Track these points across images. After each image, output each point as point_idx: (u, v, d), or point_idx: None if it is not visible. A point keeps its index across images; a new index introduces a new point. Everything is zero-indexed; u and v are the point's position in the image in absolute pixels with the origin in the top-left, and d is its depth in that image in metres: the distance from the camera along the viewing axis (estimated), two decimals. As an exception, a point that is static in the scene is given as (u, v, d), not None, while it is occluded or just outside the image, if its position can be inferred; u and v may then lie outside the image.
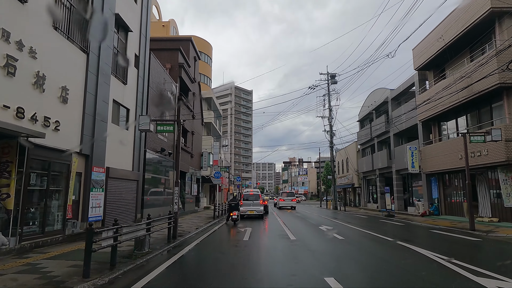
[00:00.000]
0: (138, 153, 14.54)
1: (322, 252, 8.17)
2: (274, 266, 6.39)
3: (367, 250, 8.35)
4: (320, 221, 17.44)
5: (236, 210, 15.81)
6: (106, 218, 11.51)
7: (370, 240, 10.12)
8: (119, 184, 12.61)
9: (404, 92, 25.15)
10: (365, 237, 10.70)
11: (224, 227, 14.35)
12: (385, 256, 7.45)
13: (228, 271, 6.12)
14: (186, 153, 22.95)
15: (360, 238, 10.51)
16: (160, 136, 17.77)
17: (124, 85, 13.19)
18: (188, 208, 24.18)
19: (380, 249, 8.41)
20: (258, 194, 19.62)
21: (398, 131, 25.15)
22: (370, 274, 5.91)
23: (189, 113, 24.09)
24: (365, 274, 5.99)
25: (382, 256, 7.49)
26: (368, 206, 32.66)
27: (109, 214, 11.76)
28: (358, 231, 12.40)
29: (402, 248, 8.38)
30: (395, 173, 25.74)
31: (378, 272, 5.96)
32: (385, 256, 7.52)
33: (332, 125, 34.00)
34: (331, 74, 34.67)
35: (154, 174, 16.85)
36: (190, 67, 24.91)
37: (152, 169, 16.70)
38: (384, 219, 18.99)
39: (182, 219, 17.65)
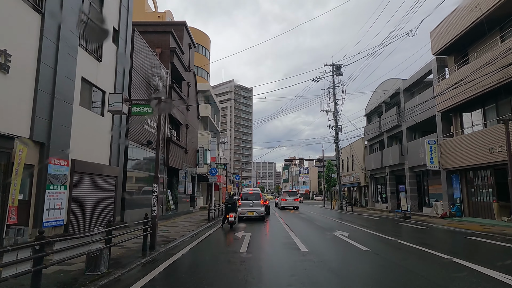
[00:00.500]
0: (118, 145, 12.35)
1: (349, 273, 5.97)
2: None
3: (409, 269, 6.15)
4: (330, 224, 15.25)
5: (233, 211, 13.64)
6: (72, 223, 9.32)
7: (404, 252, 7.92)
8: (90, 181, 10.42)
9: (419, 82, 22.95)
10: (395, 248, 8.51)
11: (218, 232, 12.17)
12: (443, 282, 5.26)
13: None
14: (179, 147, 20.77)
15: (390, 250, 8.31)
16: (147, 127, 15.58)
17: (98, 62, 10.99)
18: (182, 209, 22.00)
19: (426, 268, 6.21)
20: (258, 193, 17.45)
21: (412, 124, 22.95)
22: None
23: (183, 104, 21.89)
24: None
25: (439, 282, 5.30)
26: (376, 207, 30.47)
27: (76, 218, 9.57)
28: (381, 238, 10.21)
29: (455, 267, 6.21)
30: (408, 171, 23.54)
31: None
32: (443, 282, 5.33)
33: (337, 119, 31.81)
34: (336, 65, 32.46)
35: (139, 170, 14.67)
36: (184, 54, 22.72)
37: (137, 165, 14.52)
38: (401, 222, 16.80)
39: (172, 222, 15.47)
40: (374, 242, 9.44)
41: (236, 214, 13.89)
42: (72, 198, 9.32)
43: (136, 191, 14.17)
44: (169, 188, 20.59)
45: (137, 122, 14.32)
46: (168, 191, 20.05)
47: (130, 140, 13.49)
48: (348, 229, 12.50)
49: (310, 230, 12.93)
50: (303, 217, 19.82)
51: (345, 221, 16.71)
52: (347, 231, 11.63)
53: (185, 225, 14.22)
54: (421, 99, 20.96)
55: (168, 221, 15.86)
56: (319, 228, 13.61)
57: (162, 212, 17.74)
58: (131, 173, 13.75)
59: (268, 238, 10.57)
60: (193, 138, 25.96)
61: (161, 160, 17.76)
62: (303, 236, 10.61)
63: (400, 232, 12.38)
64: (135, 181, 14.22)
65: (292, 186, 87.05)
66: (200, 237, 10.54)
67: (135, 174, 14.24)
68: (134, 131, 14.12)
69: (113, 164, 11.97)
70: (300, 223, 16.16)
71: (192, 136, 25.73)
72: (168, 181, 20.63)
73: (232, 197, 14.17)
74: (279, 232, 11.96)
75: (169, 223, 15.03)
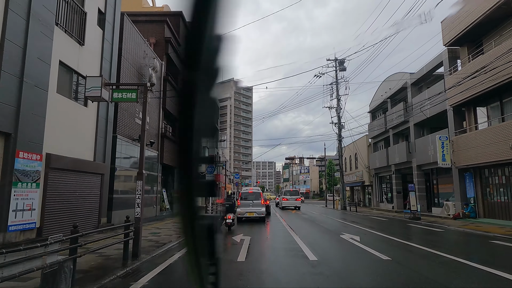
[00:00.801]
0: (104, 139, 11.21)
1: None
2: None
3: (444, 285, 5.02)
4: (336, 226, 14.11)
5: (231, 212, 12.51)
6: (47, 226, 8.18)
7: (431, 262, 6.77)
8: (70, 178, 9.27)
9: (427, 76, 21.80)
10: (419, 256, 7.36)
11: (214, 235, 11.01)
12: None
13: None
14: (174, 144, 19.60)
15: (413, 258, 7.16)
16: (138, 121, 14.44)
17: (80, 46, 9.83)
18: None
19: (472, 284, 5.07)
20: (259, 193, 16.31)
21: (420, 120, 21.79)
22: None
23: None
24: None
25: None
26: (380, 207, 29.32)
27: (52, 220, 8.43)
28: (398, 243, 9.07)
29: (497, 280, 5.08)
30: (416, 169, 22.39)
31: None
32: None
33: (340, 116, 30.68)
34: (339, 60, 31.32)
35: (130, 168, 13.53)
36: (181, 47, 21.52)
37: (127, 162, 13.39)
38: (411, 223, 15.66)
39: (165, 223, 14.34)
40: (391, 248, 8.29)
41: (234, 215, 12.76)
42: (47, 198, 8.18)
43: (125, 190, 13.04)
44: (165, 187, 19.46)
45: (127, 115, 13.19)
46: (163, 190, 18.92)
47: (119, 135, 12.35)
48: (358, 232, 11.36)
49: (315, 232, 11.78)
50: (305, 218, 18.68)
51: (352, 222, 15.57)
52: (357, 234, 10.49)
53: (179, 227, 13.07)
54: (431, 93, 19.82)
55: (162, 223, 14.73)
56: (325, 230, 12.46)
57: (156, 212, 16.62)
58: (120, 171, 12.62)
59: (270, 242, 9.43)
60: (190, 135, 24.82)
61: (155, 157, 16.64)
62: (309, 240, 9.47)
63: (415, 235, 11.25)
64: (125, 179, 13.09)
65: (292, 185, 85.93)
66: (193, 242, 9.37)
67: (125, 172, 13.11)
68: (124, 125, 12.97)
69: (99, 160, 10.82)
70: (303, 224, 15.02)
71: (189, 132, 24.58)
72: (163, 180, 19.49)
73: (230, 196, 13.04)
74: (282, 235, 10.81)
75: (162, 224, 13.91)
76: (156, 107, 17.06)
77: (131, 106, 13.63)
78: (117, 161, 12.30)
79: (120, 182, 12.53)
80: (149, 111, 15.89)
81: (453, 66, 18.35)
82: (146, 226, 13.04)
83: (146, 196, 15.35)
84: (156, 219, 16.25)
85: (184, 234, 0.74)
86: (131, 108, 13.56)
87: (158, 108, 17.27)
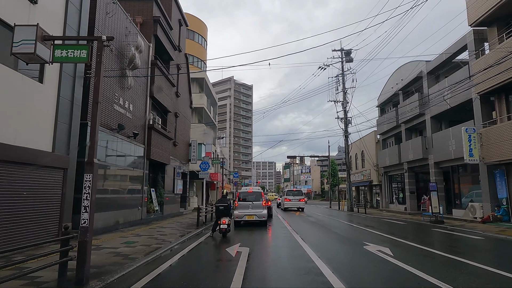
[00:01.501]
0: (68, 126, 9.06)
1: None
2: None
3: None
4: (351, 232, 11.95)
5: (226, 216, 10.36)
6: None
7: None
8: (14, 173, 7.12)
9: (446, 63, 19.64)
10: (492, 282, 5.21)
11: (205, 245, 8.87)
12: None
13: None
14: (165, 138, 17.47)
15: (481, 284, 5.01)
16: (118, 107, 12.28)
17: (32, 4, 7.68)
18: (169, 210, 18.72)
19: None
20: (259, 193, 14.15)
21: (438, 112, 19.65)
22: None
23: (170, 87, 18.59)
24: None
25: None
26: (390, 208, 27.15)
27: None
28: (442, 258, 6.92)
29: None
30: (434, 166, 20.23)
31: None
32: None
33: (346, 110, 28.52)
34: (345, 50, 29.17)
35: (107, 163, 11.37)
36: (173, 30, 19.43)
37: (104, 155, 11.23)
38: (435, 227, 13.51)
39: (150, 228, 12.18)
40: (441, 266, 6.11)
41: (230, 219, 10.61)
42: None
43: (101, 188, 10.88)
44: (153, 186, 17.31)
45: (102, 99, 11.01)
46: (151, 190, 16.78)
47: (90, 121, 10.20)
48: (381, 241, 9.20)
49: (331, 242, 9.59)
50: (312, 221, 16.51)
51: (366, 227, 13.41)
52: (382, 244, 8.34)
53: (164, 233, 10.93)
54: (451, 82, 17.67)
55: (146, 227, 12.58)
56: (342, 238, 10.28)
57: (142, 215, 14.46)
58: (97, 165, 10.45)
59: (274, 257, 7.26)
60: (184, 130, 22.67)
61: (140, 151, 14.50)
62: (326, 253, 7.31)
63: (455, 245, 9.07)
64: (101, 175, 10.92)
65: (293, 185, 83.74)
66: (175, 255, 7.23)
67: (101, 167, 10.95)
68: (100, 111, 10.79)
69: (60, 151, 8.68)
70: (312, 229, 12.85)
71: (183, 127, 22.44)
72: (151, 178, 17.35)
73: (225, 196, 10.88)
74: (289, 245, 8.65)
75: (146, 230, 11.75)
76: (142, 94, 14.91)
77: (108, 89, 11.48)
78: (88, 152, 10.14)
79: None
80: (133, 98, 13.77)
81: (480, 49, 16.20)
82: (126, 232, 10.89)
83: (129, 196, 13.20)
84: (141, 223, 14.11)
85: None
86: (108, 91, 11.42)
87: (144, 96, 15.13)
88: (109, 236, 9.98)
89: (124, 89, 12.81)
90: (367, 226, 14.05)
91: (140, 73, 14.74)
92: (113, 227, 11.65)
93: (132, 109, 13.63)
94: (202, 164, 15.94)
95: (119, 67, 12.47)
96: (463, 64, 18.40)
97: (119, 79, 12.48)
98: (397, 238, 9.83)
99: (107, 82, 11.44)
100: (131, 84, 13.04)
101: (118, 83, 12.35)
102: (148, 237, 9.78)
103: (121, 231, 11.26)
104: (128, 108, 13.21)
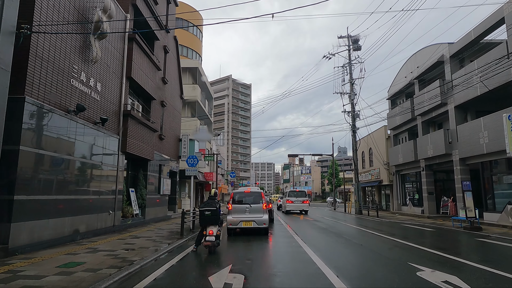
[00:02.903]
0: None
1: None
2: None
3: None
4: (383, 246, 9.26)
5: (215, 224, 7.68)
6: None
7: None
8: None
9: (473, 44, 17.03)
10: None
11: (179, 271, 6.13)
12: None
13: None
14: (147, 129, 14.77)
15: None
16: (76, 83, 9.56)
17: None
18: (154, 214, 16.01)
19: None
20: (259, 194, 11.43)
21: (464, 101, 17.06)
22: None
23: (154, 70, 15.90)
24: None
25: None
26: (403, 210, 24.50)
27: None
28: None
29: None
30: (459, 163, 17.60)
31: None
32: None
33: (354, 103, 25.92)
34: (353, 37, 26.58)
35: (58, 154, 8.65)
36: (158, 5, 16.75)
37: (56, 143, 8.52)
38: (478, 236, 10.86)
39: (119, 239, 9.44)
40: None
41: (220, 229, 7.93)
42: None
43: (46, 188, 8.17)
44: (133, 185, 14.62)
45: (52, 70, 8.30)
46: (131, 190, 14.09)
47: (29, 97, 7.49)
48: (431, 260, 6.54)
49: (365, 264, 6.82)
50: (323, 228, 13.82)
51: (392, 236, 10.74)
52: (438, 267, 5.69)
53: (134, 246, 8.22)
54: (481, 64, 15.08)
55: (115, 237, 9.86)
56: (376, 256, 7.55)
57: (114, 221, 11.75)
58: (32, 155, 7.75)
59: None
60: (173, 122, 19.98)
61: (112, 142, 11.79)
62: (364, 284, 4.65)
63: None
64: (45, 170, 8.21)
65: (293, 186, 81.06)
66: (135, 286, 4.54)
67: (49, 159, 8.24)
68: (46, 84, 8.09)
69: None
70: (328, 241, 10.15)
71: (173, 119, 19.75)
72: (131, 176, 14.66)
73: (213, 198, 8.15)
74: (305, 269, 5.95)
75: (111, 241, 9.03)
76: (116, 73, 12.21)
77: (62, 57, 8.78)
78: (30, 140, 7.45)
79: (33, 173, 7.65)
80: (102, 76, 11.07)
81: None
82: (82, 246, 8.17)
83: (95, 198, 10.48)
84: (112, 231, 11.40)
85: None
86: (60, 60, 8.71)
87: (119, 76, 12.43)
88: (53, 252, 7.27)
89: (88, 62, 10.11)
90: (392, 234, 11.37)
91: (114, 47, 12.06)
92: (69, 237, 8.93)
93: (100, 89, 10.93)
94: (189, 159, 13.25)
95: (80, 33, 9.77)
96: (493, 44, 15.86)
97: (81, 49, 9.78)
98: (449, 255, 7.15)
99: (61, 48, 8.76)
100: (98, 56, 10.33)
101: (79, 53, 9.65)
102: (106, 254, 7.07)
103: (77, 244, 8.54)
104: (94, 87, 10.50)
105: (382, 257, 7.08)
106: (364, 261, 6.87)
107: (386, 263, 6.51)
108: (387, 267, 6.12)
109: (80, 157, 9.64)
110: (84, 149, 9.88)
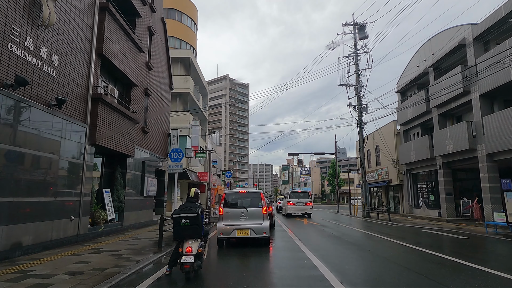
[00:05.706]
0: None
1: None
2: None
3: None
4: (422, 265, 7.02)
5: (194, 237, 5.42)
6: None
7: None
8: None
9: (501, 23, 14.89)
10: None
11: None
12: None
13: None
14: (125, 119, 12.47)
15: None
16: (18, 49, 7.28)
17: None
18: (135, 219, 13.71)
19: None
20: (257, 195, 9.12)
21: (492, 88, 14.91)
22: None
23: (135, 51, 13.62)
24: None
25: None
26: (416, 213, 22.30)
27: None
28: None
29: None
30: (486, 159, 15.42)
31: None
32: None
33: (361, 96, 23.73)
34: (359, 24, 24.41)
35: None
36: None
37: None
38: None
39: (76, 253, 7.10)
40: None
41: (201, 243, 5.62)
42: None
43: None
44: (109, 185, 12.32)
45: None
46: (105, 191, 11.79)
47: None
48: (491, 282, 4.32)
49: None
50: (335, 236, 11.55)
51: (419, 245, 8.50)
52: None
53: (85, 267, 5.92)
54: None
55: (70, 252, 7.53)
56: (425, 283, 5.36)
57: (79, 229, 9.44)
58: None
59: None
60: (161, 115, 17.69)
61: (76, 131, 9.49)
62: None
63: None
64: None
65: (292, 188, 78.74)
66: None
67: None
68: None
69: None
70: (348, 255, 7.86)
71: (159, 112, 17.46)
72: (106, 174, 12.36)
73: (193, 200, 5.83)
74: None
75: (62, 258, 6.70)
76: (83, 47, 9.93)
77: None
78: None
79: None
80: (60, 47, 8.79)
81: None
82: (16, 266, 5.84)
83: (51, 200, 8.17)
84: (74, 241, 9.09)
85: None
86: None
87: (86, 51, 10.15)
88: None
89: (36, 26, 7.84)
90: (418, 243, 9.13)
91: (79, 15, 9.79)
92: (3, 254, 6.63)
93: (58, 63, 8.65)
94: (173, 153, 11.00)
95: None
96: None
97: (25, 5, 7.50)
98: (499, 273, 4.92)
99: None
100: (52, 19, 8.06)
101: (21, 11, 7.38)
102: (37, 283, 4.78)
103: (9, 263, 6.23)
104: (48, 59, 8.22)
105: (428, 280, 4.82)
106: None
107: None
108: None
109: (25, 147, 7.34)
110: (31, 138, 7.57)
